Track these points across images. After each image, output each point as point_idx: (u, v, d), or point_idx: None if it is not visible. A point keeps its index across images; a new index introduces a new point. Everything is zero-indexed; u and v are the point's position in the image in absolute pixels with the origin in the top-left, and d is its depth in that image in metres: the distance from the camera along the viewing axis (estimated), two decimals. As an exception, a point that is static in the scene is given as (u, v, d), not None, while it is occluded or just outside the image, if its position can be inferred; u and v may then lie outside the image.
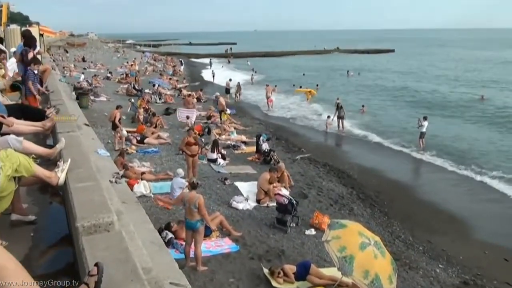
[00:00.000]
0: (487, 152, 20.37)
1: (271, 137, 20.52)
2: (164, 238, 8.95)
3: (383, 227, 12.29)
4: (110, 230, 3.02)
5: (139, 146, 17.17)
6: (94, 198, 3.41)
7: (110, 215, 3.09)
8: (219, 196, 12.56)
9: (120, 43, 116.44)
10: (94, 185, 3.75)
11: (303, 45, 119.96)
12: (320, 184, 14.84)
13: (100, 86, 31.38)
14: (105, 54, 71.49)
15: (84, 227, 2.97)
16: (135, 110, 22.56)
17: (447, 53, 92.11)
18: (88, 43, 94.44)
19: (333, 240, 7.61)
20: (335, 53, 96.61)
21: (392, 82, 46.48)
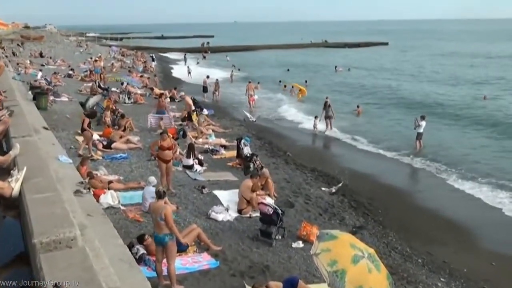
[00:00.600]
0: (488, 156, 20.69)
1: (251, 136, 20.58)
2: (135, 254, 8.89)
3: (377, 237, 12.37)
4: (72, 246, 2.99)
5: (106, 152, 17.00)
6: (54, 210, 3.37)
7: (72, 230, 3.05)
8: (196, 207, 12.50)
9: (83, 36, 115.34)
10: (54, 196, 3.70)
11: (287, 38, 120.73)
12: (307, 191, 14.90)
13: (60, 85, 31.04)
14: (66, 49, 70.66)
15: (42, 243, 2.93)
16: (100, 111, 22.34)
17: (445, 46, 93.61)
18: (46, 36, 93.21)
19: (323, 253, 7.63)
20: (321, 47, 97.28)
21: (386, 80, 46.89)
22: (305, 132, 25.33)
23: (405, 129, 24.28)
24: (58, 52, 60.23)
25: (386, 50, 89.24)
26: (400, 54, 78.76)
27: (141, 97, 29.60)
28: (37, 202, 3.59)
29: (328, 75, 52.67)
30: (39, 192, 3.83)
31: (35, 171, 4.32)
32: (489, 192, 16.14)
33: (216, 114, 27.26)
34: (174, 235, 8.30)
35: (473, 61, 64.01)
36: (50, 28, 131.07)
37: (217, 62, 66.61)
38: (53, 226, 3.12)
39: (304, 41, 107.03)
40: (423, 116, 21.66)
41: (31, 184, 4.05)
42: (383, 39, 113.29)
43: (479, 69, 55.45)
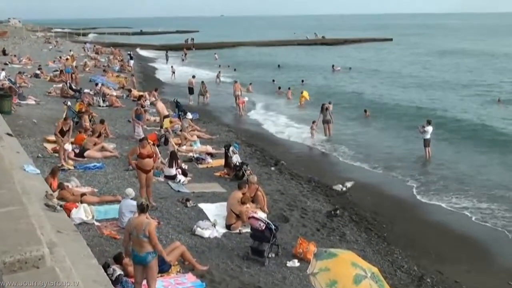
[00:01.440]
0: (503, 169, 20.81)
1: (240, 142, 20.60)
2: (111, 275, 8.82)
3: (381, 255, 12.41)
4: (40, 266, 2.96)
5: (78, 161, 16.93)
6: (19, 226, 3.35)
7: (39, 248, 3.03)
8: (179, 222, 12.48)
9: (51, 31, 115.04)
10: (19, 210, 3.68)
11: (280, 34, 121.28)
12: (304, 204, 14.92)
13: (26, 86, 30.93)
14: (32, 46, 70.57)
15: (6, 263, 2.90)
16: (72, 116, 22.26)
17: (454, 43, 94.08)
18: (10, 31, 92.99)
19: (321, 273, 7.66)
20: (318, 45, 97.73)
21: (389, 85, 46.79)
22: (301, 138, 25.33)
23: (410, 138, 24.26)
24: (24, 49, 60.17)
25: (390, 46, 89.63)
26: (406, 50, 79.06)
27: (117, 99, 29.56)
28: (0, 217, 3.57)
29: (326, 74, 52.83)
30: (2, 205, 3.80)
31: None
32: (505, 205, 16.21)
33: (202, 118, 27.31)
34: (156, 253, 8.26)
35: (488, 59, 64.40)
36: (14, 22, 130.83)
37: (203, 60, 66.68)
38: (18, 244, 3.10)
39: (298, 37, 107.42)
40: (429, 120, 21.75)
41: (-8, 197, 4.02)
42: (386, 35, 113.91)
43: (495, 67, 55.80)
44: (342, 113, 30.54)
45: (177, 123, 23.36)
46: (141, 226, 8.09)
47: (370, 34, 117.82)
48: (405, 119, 29.50)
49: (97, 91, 29.81)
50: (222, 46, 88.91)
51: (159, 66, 60.20)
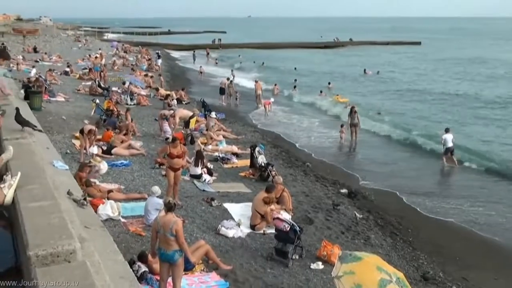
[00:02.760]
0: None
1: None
2: (136, 271, 8.90)
3: (407, 260, 12.31)
4: (71, 260, 3.00)
5: (105, 158, 17.10)
6: (51, 221, 3.40)
7: (71, 242, 3.08)
8: (204, 221, 12.53)
9: (81, 30, 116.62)
10: (52, 205, 3.73)
11: (306, 35, 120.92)
12: (329, 206, 14.86)
13: (56, 83, 31.36)
14: (62, 44, 71.62)
15: (38, 256, 2.95)
16: (100, 113, 22.55)
17: (489, 49, 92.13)
18: (41, 29, 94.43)
19: (345, 276, 7.60)
20: (347, 46, 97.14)
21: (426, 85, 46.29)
22: (327, 141, 25.20)
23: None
24: (54, 47, 61.08)
25: (418, 50, 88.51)
26: (435, 55, 77.72)
27: (145, 98, 29.83)
28: (32, 211, 3.63)
29: (357, 78, 52.32)
30: (35, 200, 3.86)
31: (29, 177, 4.36)
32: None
33: (228, 118, 27.38)
34: (183, 252, 8.32)
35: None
36: (45, 20, 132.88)
37: (230, 61, 66.80)
38: (50, 238, 3.15)
39: (325, 39, 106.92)
40: (447, 129, 21.37)
41: (25, 192, 4.09)
42: (414, 38, 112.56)
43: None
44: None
45: (203, 122, 23.45)
46: (168, 225, 8.15)
47: (396, 37, 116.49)
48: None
49: (125, 89, 30.13)
50: (248, 47, 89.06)
51: (186, 66, 60.55)
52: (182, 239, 8.27)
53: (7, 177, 4.26)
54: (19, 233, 3.66)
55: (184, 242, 8.39)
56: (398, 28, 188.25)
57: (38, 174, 4.50)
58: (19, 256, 4.09)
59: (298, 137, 25.97)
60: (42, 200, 3.87)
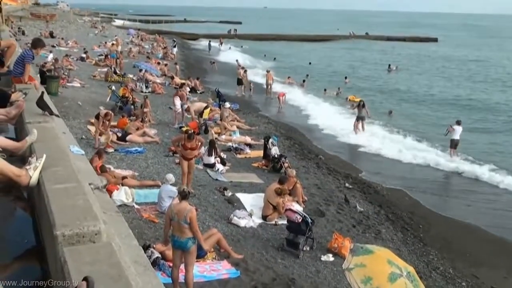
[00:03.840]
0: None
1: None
2: (149, 257, 9.03)
3: (417, 255, 12.37)
4: (96, 241, 3.10)
5: (120, 144, 17.26)
6: (77, 202, 3.49)
7: (96, 224, 3.17)
8: (216, 210, 12.65)
9: (98, 16, 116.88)
10: (76, 187, 3.83)
11: (322, 28, 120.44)
12: (340, 200, 14.94)
13: (72, 69, 31.53)
14: (79, 30, 71.80)
15: (65, 236, 3.04)
16: (115, 100, 22.69)
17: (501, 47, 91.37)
18: (58, 15, 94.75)
19: (356, 269, 7.67)
20: (362, 40, 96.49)
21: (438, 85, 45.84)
22: (340, 134, 25.17)
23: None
24: (71, 33, 61.25)
25: (435, 47, 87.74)
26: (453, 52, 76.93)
27: (160, 86, 29.95)
28: (57, 192, 3.72)
29: (380, 73, 51.67)
30: (59, 182, 3.96)
31: (53, 159, 4.46)
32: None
33: (242, 109, 27.42)
34: (196, 239, 8.42)
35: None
36: (62, 6, 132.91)
37: (246, 52, 66.79)
38: (76, 218, 3.24)
39: (341, 32, 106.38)
40: (459, 121, 21.49)
41: (50, 173, 4.18)
42: (431, 34, 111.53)
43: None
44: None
45: (217, 112, 23.52)
46: (183, 212, 8.25)
47: (414, 32, 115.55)
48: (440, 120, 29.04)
49: (140, 77, 30.27)
50: (263, 39, 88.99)
51: (202, 55, 60.59)
52: (196, 227, 8.37)
53: (32, 159, 4.36)
54: (44, 214, 3.76)
55: (198, 230, 8.49)
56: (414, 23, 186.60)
57: (62, 157, 4.60)
58: (40, 238, 4.18)
59: (311, 129, 25.97)
60: (66, 182, 3.96)
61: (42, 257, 3.90)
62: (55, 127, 6.03)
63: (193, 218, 8.27)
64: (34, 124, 5.84)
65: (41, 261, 3.90)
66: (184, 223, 8.23)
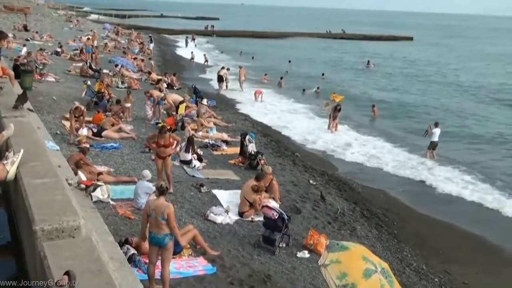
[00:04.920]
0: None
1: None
2: (125, 253, 9.00)
3: (391, 252, 12.54)
4: (76, 236, 3.10)
5: (96, 140, 17.13)
6: (56, 197, 3.49)
7: (76, 219, 3.18)
8: (192, 206, 12.63)
9: (73, 10, 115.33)
10: (54, 182, 3.82)
11: (299, 25, 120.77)
12: (316, 197, 15.03)
13: (47, 63, 31.10)
14: (54, 24, 70.75)
15: (44, 231, 3.05)
16: (91, 95, 22.48)
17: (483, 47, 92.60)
18: (32, 8, 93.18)
19: (332, 265, 7.77)
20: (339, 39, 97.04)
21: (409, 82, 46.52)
22: (316, 133, 25.29)
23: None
24: (45, 27, 60.30)
25: (410, 46, 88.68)
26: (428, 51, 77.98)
27: (136, 82, 29.72)
28: (36, 187, 3.71)
29: (358, 70, 52.24)
30: (38, 177, 3.95)
31: (31, 154, 4.44)
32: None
33: (218, 105, 27.38)
34: (173, 236, 8.42)
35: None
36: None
37: (221, 47, 66.64)
38: (55, 213, 3.24)
39: (319, 30, 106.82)
40: (437, 123, 21.64)
41: (28, 168, 4.17)
42: (405, 33, 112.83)
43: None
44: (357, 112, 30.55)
45: (193, 108, 23.46)
46: (160, 208, 8.23)
47: (389, 31, 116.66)
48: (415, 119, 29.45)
49: (116, 72, 30.02)
50: (241, 35, 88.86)
51: (179, 51, 60.29)
52: (174, 223, 8.36)
53: (9, 153, 4.33)
54: (21, 209, 3.75)
55: (176, 226, 8.49)
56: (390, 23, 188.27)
57: (40, 152, 4.59)
58: (17, 233, 4.17)
59: (288, 127, 26.05)
60: (45, 177, 3.95)
61: (18, 253, 3.89)
62: (31, 121, 5.99)
63: (170, 214, 8.26)
64: (10, 118, 5.79)
65: (17, 257, 3.89)
66: (162, 219, 8.22)
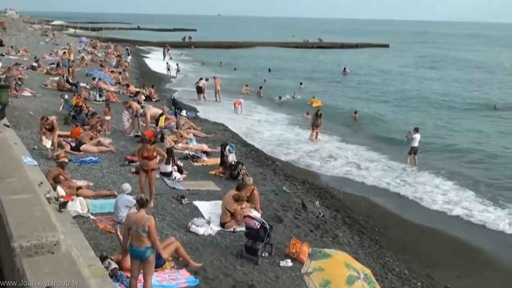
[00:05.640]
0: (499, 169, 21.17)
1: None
2: (106, 268, 8.91)
3: (373, 258, 12.60)
4: (55, 251, 3.07)
5: (74, 154, 16.99)
6: (34, 213, 3.45)
7: (55, 234, 3.14)
8: (174, 218, 12.58)
9: (49, 24, 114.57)
10: (32, 197, 3.78)
11: (276, 35, 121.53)
12: (298, 205, 15.05)
13: (23, 78, 30.80)
14: (29, 38, 70.18)
15: (23, 247, 3.00)
16: (68, 109, 22.30)
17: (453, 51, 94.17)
18: (7, 23, 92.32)
19: (315, 273, 7.77)
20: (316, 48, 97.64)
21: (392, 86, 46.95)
22: (297, 141, 25.38)
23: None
24: (20, 41, 59.78)
25: (387, 52, 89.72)
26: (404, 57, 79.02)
27: (114, 95, 29.54)
28: (14, 203, 3.67)
29: (334, 77, 52.55)
30: (15, 193, 3.90)
31: (8, 170, 4.39)
32: (501, 211, 16.48)
33: (198, 116, 27.34)
34: (155, 248, 8.37)
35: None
36: (11, 13, 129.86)
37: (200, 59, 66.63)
38: (34, 229, 3.21)
39: (296, 39, 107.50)
40: (417, 128, 21.86)
41: (5, 184, 4.12)
42: (379, 40, 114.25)
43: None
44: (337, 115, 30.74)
45: (172, 120, 23.37)
46: (141, 221, 8.18)
47: (364, 39, 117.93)
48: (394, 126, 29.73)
49: (93, 85, 29.83)
50: (219, 46, 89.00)
51: (156, 63, 60.09)
52: (155, 236, 8.32)
53: (-15, 170, 4.28)
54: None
55: (157, 238, 8.45)
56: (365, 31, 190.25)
57: (17, 167, 4.54)
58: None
59: (267, 136, 26.10)
60: (22, 192, 3.91)
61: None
62: (8, 137, 5.91)
63: (151, 227, 8.22)
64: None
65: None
66: (143, 232, 8.17)
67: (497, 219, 15.85)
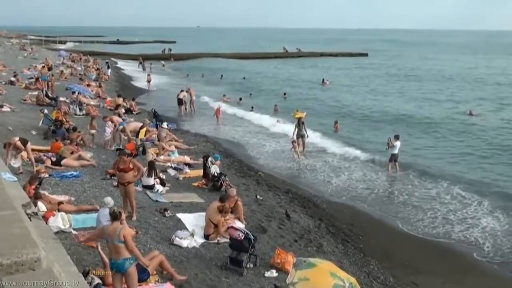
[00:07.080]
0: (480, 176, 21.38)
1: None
2: (90, 283, 8.81)
3: (358, 266, 12.60)
4: (36, 268, 3.01)
5: (55, 169, 16.83)
6: (13, 230, 3.39)
7: (36, 251, 3.09)
8: (157, 231, 12.49)
9: (26, 38, 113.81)
10: (12, 214, 3.72)
11: (255, 46, 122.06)
12: (281, 215, 15.03)
13: (1, 93, 30.55)
14: (7, 53, 69.60)
15: (3, 265, 2.95)
16: (48, 124, 22.11)
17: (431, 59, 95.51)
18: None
19: (300, 282, 7.77)
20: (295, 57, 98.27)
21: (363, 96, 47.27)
22: (280, 151, 25.38)
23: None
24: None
25: (367, 61, 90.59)
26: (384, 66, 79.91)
27: (94, 108, 29.38)
28: (-8, 221, 3.60)
29: (313, 88, 52.75)
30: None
31: (-14, 187, 4.31)
32: (484, 218, 16.60)
33: (179, 128, 27.27)
34: (134, 259, 8.28)
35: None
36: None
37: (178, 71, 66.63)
38: (14, 247, 3.15)
39: (274, 50, 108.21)
40: (397, 135, 22.03)
41: (-17, 202, 4.04)
42: (356, 49, 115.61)
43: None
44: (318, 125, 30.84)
45: (154, 133, 23.29)
46: (115, 231, 8.11)
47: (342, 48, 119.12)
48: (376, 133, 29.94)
49: (73, 99, 29.64)
50: (199, 57, 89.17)
51: (136, 75, 59.89)
52: (132, 244, 8.24)
53: (-37, 187, 4.20)
54: (-22, 244, 3.62)
55: (134, 246, 8.37)
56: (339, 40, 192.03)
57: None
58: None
59: (250, 147, 26.09)
60: (2, 210, 3.84)
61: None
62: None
63: (127, 235, 8.14)
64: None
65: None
66: (119, 242, 8.10)
67: (480, 224, 15.99)
